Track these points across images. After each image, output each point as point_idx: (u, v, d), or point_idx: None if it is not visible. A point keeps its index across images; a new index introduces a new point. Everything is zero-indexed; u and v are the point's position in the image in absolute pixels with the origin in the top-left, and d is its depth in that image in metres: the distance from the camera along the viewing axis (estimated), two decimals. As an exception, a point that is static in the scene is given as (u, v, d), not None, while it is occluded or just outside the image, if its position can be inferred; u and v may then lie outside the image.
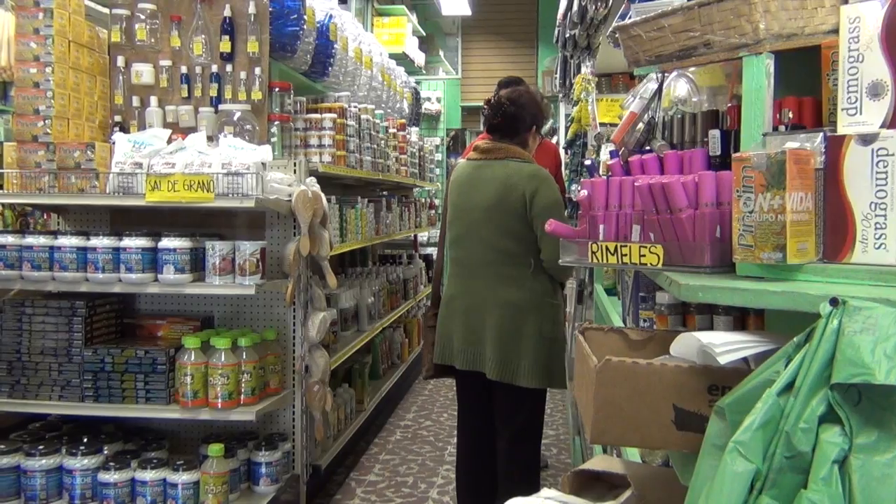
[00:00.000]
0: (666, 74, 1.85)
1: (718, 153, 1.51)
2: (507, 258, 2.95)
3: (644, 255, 1.38)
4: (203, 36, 3.42)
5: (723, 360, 1.15)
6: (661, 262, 1.34)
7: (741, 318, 1.65)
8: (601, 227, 1.51)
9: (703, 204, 1.31)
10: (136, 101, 3.49)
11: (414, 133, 6.24)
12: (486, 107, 3.09)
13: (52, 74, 3.20)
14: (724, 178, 1.31)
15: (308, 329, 3.39)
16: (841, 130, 1.24)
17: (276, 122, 3.49)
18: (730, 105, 1.64)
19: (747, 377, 1.00)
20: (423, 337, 3.38)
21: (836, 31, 1.31)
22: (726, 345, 1.16)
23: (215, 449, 3.06)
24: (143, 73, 3.47)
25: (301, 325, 3.42)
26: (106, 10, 3.60)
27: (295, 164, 3.38)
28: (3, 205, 4.43)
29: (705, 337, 1.20)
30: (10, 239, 3.13)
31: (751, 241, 1.17)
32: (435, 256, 3.42)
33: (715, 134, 1.54)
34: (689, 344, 1.26)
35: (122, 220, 3.55)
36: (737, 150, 1.44)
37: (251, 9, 3.38)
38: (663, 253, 1.34)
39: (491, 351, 2.93)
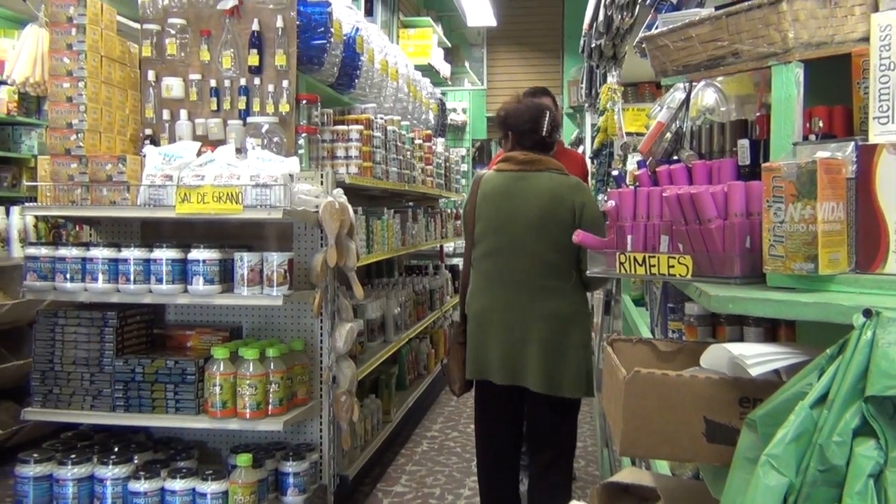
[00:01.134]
0: (693, 84, 1.85)
1: (748, 163, 1.51)
2: (551, 270, 2.93)
3: (673, 266, 1.37)
4: (232, 50, 3.46)
5: (754, 371, 1.14)
6: (691, 272, 1.34)
7: (772, 330, 1.63)
8: (629, 237, 1.51)
9: (733, 214, 1.30)
10: (166, 115, 3.54)
11: (440, 144, 6.26)
12: (524, 120, 3.05)
13: (84, 89, 3.26)
14: (753, 189, 1.30)
15: (335, 339, 3.40)
16: (873, 139, 1.23)
17: (304, 134, 3.52)
18: (759, 114, 1.63)
19: (779, 389, 0.99)
20: (448, 354, 3.25)
21: (866, 40, 1.29)
22: (757, 356, 1.15)
23: (244, 459, 3.08)
24: (174, 86, 3.53)
25: (328, 335, 3.43)
26: (137, 26, 3.66)
27: (322, 176, 3.41)
28: (36, 217, 4.52)
29: (736, 348, 1.19)
30: (43, 251, 3.19)
31: (782, 251, 1.16)
32: (461, 269, 3.36)
33: (744, 143, 1.53)
34: (720, 355, 1.25)
35: (152, 231, 3.60)
36: (766, 159, 1.43)
37: (279, 22, 3.42)
38: (692, 264, 1.33)
39: (535, 363, 2.88)
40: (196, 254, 3.10)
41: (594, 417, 5.09)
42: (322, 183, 3.39)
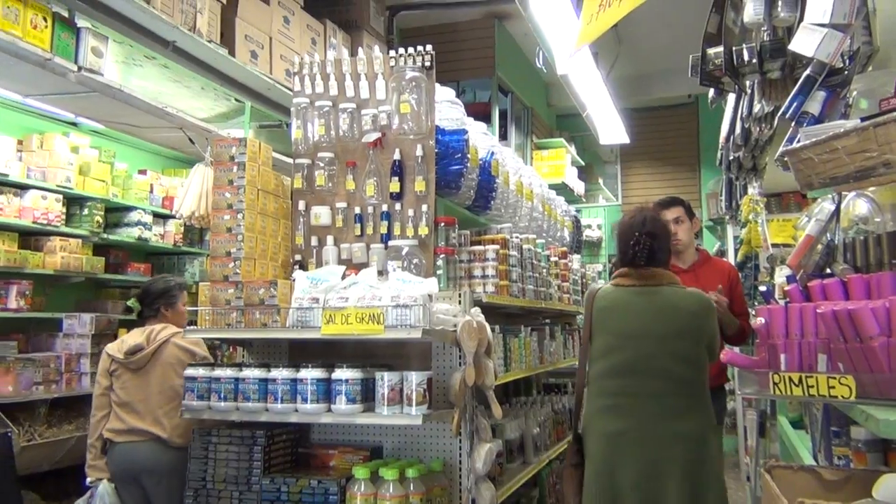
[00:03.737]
0: (843, 195, 1.78)
1: (910, 276, 1.41)
2: (683, 386, 2.85)
3: (833, 387, 1.28)
4: (375, 178, 3.68)
5: (937, 506, 1.03)
6: (854, 394, 1.24)
7: (955, 458, 1.48)
8: (782, 356, 1.43)
9: (898, 331, 1.22)
10: (314, 241, 3.77)
11: (576, 260, 6.24)
12: (633, 238, 3.05)
13: (242, 220, 3.53)
14: (919, 303, 1.21)
15: (474, 460, 3.35)
16: None
17: (442, 256, 3.62)
18: (919, 224, 1.54)
19: (970, 528, 0.89)
20: (564, 479, 3.08)
21: None
22: (940, 489, 1.04)
23: (383, 584, 3.02)
24: (322, 214, 3.76)
25: (467, 456, 3.39)
26: (290, 160, 3.97)
27: (460, 296, 3.46)
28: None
29: (914, 480, 1.09)
30: (201, 371, 3.38)
31: (958, 371, 1.07)
32: (576, 387, 3.27)
33: (904, 255, 1.44)
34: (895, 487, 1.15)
35: (299, 350, 3.75)
36: (931, 271, 1.34)
37: (419, 151, 3.61)
38: (855, 384, 1.24)
39: (677, 486, 2.76)
40: (339, 373, 3.19)
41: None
42: (460, 302, 3.44)
